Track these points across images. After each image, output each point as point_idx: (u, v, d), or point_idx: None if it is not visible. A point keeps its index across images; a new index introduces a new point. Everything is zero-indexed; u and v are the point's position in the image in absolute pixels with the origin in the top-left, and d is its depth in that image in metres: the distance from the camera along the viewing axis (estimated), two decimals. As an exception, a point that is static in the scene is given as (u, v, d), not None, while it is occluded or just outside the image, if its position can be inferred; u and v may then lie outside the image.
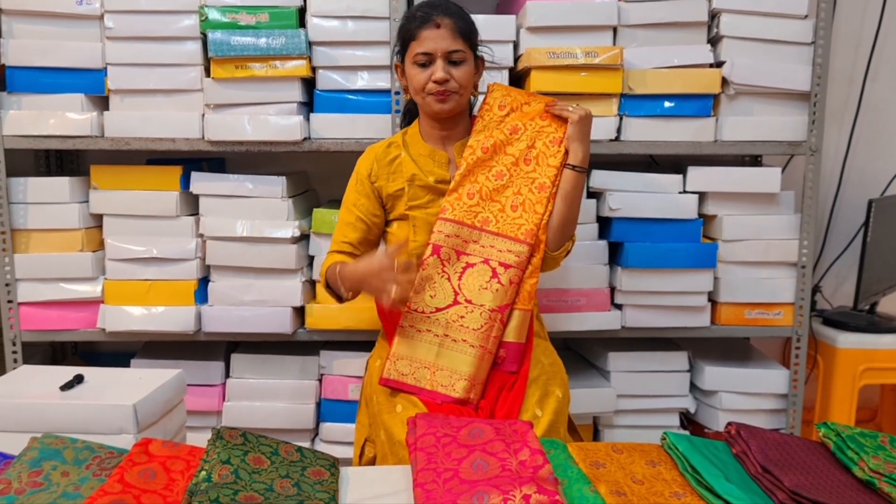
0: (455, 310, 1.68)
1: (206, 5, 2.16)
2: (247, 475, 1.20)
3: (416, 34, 1.69)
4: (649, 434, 2.39)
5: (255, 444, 1.29)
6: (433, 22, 1.68)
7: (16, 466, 1.21)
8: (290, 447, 1.33)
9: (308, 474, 1.26)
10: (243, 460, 1.23)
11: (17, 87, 2.21)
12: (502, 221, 1.71)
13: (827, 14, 2.23)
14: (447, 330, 1.68)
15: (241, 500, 1.13)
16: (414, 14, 1.73)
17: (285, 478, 1.23)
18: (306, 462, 1.29)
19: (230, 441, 1.26)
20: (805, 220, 2.32)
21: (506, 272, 1.68)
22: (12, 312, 2.29)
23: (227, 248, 2.26)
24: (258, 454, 1.26)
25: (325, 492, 1.22)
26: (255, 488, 1.17)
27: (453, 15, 1.70)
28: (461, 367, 1.66)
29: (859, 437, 1.33)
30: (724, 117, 2.26)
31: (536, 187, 1.72)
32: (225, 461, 1.20)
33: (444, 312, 1.68)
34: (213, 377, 2.36)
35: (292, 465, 1.27)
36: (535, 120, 1.77)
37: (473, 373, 1.65)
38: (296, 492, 1.20)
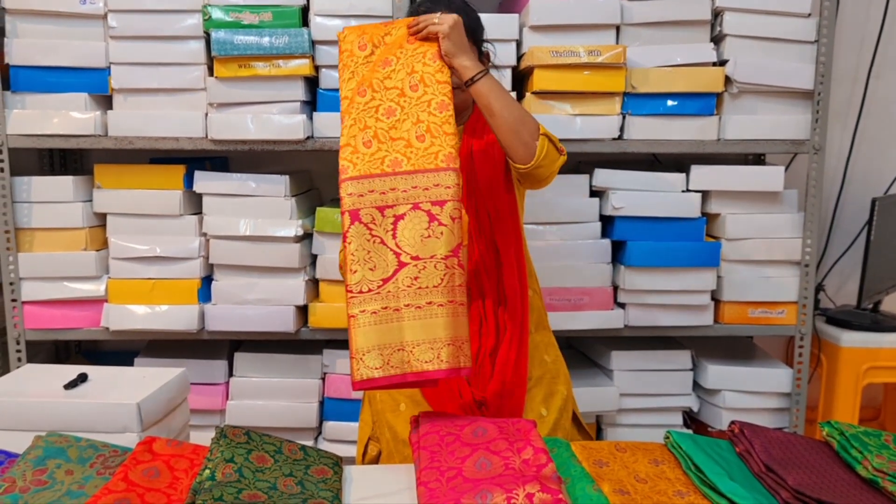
0: (404, 272, 1.45)
1: (209, 4, 2.16)
2: (250, 473, 1.20)
3: None
4: (652, 433, 2.39)
5: (259, 443, 1.29)
6: None
7: (20, 465, 1.21)
8: (294, 446, 1.33)
9: (312, 472, 1.26)
10: (247, 458, 1.23)
11: (21, 86, 2.21)
12: (414, 156, 1.49)
13: (830, 12, 2.23)
14: (404, 299, 1.44)
15: (245, 498, 1.13)
16: (417, 8, 1.70)
17: (289, 476, 1.23)
18: (310, 460, 1.30)
19: (234, 439, 1.26)
20: (808, 218, 2.32)
21: (443, 209, 1.46)
22: (16, 311, 2.30)
23: (231, 247, 2.26)
24: (262, 452, 1.26)
25: (329, 490, 1.22)
26: (258, 487, 1.17)
27: (457, 9, 1.66)
28: (437, 333, 1.43)
29: (863, 436, 1.32)
30: (728, 116, 2.26)
31: (435, 108, 1.51)
32: (228, 459, 1.21)
33: (392, 281, 1.45)
34: (216, 376, 2.37)
35: (296, 464, 1.27)
36: (404, 46, 1.58)
37: (453, 334, 1.43)
38: (299, 490, 1.20)
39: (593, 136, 2.23)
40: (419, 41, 1.56)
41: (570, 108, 2.22)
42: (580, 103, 2.22)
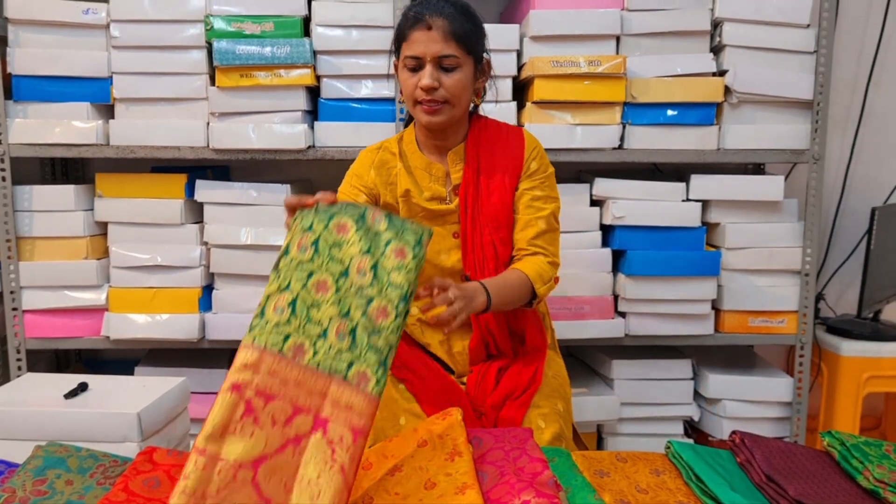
0: None
1: (211, 15, 2.17)
2: (326, 247, 1.21)
3: (407, 35, 1.57)
4: (653, 442, 2.39)
5: (341, 209, 1.25)
6: (425, 22, 1.55)
7: (20, 475, 1.21)
8: (379, 213, 1.25)
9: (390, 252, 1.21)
10: (327, 227, 1.23)
11: (23, 95, 2.22)
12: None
13: (829, 23, 2.24)
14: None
15: (312, 287, 1.17)
16: (407, 13, 1.60)
17: (366, 253, 1.20)
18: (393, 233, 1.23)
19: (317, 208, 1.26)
20: (808, 227, 2.32)
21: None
22: (17, 320, 2.30)
23: (232, 256, 2.27)
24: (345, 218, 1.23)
25: (398, 288, 1.18)
26: (330, 269, 1.18)
27: (448, 16, 1.55)
28: None
29: (864, 446, 1.32)
30: (727, 125, 2.26)
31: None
32: (307, 228, 1.23)
33: None
34: (217, 385, 2.36)
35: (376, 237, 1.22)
36: None
37: None
38: (371, 278, 1.18)
39: (593, 145, 2.23)
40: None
41: (570, 117, 2.23)
42: (580, 113, 2.23)
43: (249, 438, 1.08)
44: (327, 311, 1.18)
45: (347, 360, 1.15)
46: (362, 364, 1.14)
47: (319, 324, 1.17)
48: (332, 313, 1.18)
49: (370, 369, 1.14)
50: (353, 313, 1.18)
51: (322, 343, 1.16)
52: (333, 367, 1.14)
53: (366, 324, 1.17)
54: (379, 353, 1.16)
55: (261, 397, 1.10)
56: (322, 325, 1.17)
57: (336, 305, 1.18)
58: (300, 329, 1.16)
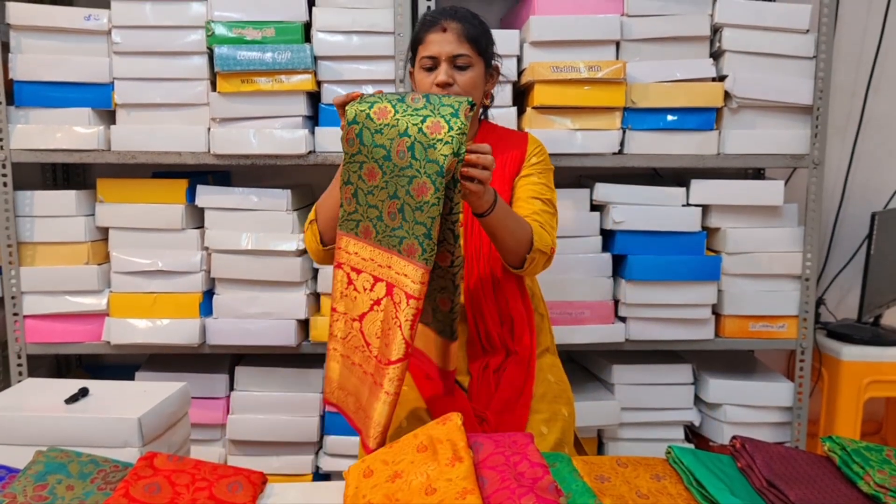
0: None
1: (212, 21, 2.18)
2: (369, 136, 1.34)
3: (423, 38, 1.67)
4: (654, 447, 2.39)
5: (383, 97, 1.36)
6: (440, 25, 1.65)
7: (21, 480, 1.21)
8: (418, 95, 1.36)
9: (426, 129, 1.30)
10: (368, 115, 1.35)
11: (24, 101, 2.22)
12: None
13: (829, 28, 2.24)
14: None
15: (365, 175, 1.35)
16: (424, 18, 1.72)
17: (404, 136, 1.31)
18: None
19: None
20: (808, 232, 2.32)
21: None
22: (18, 325, 2.30)
23: (232, 261, 2.27)
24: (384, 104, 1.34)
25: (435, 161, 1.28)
26: (374, 156, 1.33)
27: (462, 20, 1.67)
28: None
29: (865, 451, 1.32)
30: (727, 131, 2.27)
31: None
32: (352, 121, 1.35)
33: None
34: (217, 390, 2.37)
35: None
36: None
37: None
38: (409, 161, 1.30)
39: (594, 150, 2.24)
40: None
41: (570, 122, 2.23)
42: (580, 118, 2.23)
43: (353, 301, 1.42)
44: (380, 195, 1.36)
45: (399, 236, 1.34)
46: (411, 238, 1.32)
47: (376, 207, 1.37)
48: (384, 196, 1.35)
49: (417, 241, 1.31)
50: (398, 193, 1.33)
51: (380, 223, 1.37)
52: (391, 242, 1.36)
53: (410, 202, 1.32)
54: (423, 226, 1.30)
55: (354, 271, 1.42)
56: (378, 208, 1.37)
57: (385, 189, 1.35)
58: (364, 214, 1.39)
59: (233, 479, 1.24)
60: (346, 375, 1.47)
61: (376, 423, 1.37)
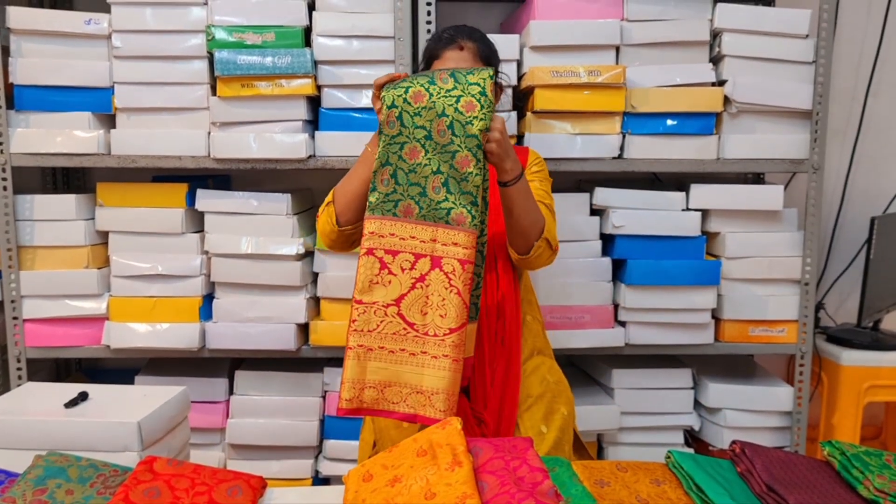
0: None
1: (212, 25, 2.18)
2: (409, 118, 1.45)
3: (440, 54, 1.73)
4: (654, 451, 2.38)
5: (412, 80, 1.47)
6: (457, 44, 1.73)
7: (20, 484, 1.21)
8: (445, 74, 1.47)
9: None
10: (406, 100, 1.46)
11: (25, 105, 2.22)
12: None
13: (828, 33, 2.25)
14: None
15: (406, 155, 1.45)
16: (441, 35, 1.78)
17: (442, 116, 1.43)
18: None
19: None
20: (808, 237, 2.33)
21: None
22: (17, 329, 2.30)
23: (232, 265, 2.27)
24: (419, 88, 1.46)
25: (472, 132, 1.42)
26: (416, 137, 1.45)
27: (477, 40, 1.75)
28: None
29: (864, 456, 1.32)
30: (727, 135, 2.27)
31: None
32: (390, 105, 1.45)
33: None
34: (217, 394, 2.37)
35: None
36: None
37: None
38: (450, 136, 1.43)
39: (593, 155, 2.24)
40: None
41: (570, 127, 2.24)
42: (580, 123, 2.24)
43: (388, 286, 1.45)
44: (423, 171, 1.46)
45: (446, 208, 1.45)
46: (458, 207, 1.45)
47: (418, 185, 1.46)
48: (427, 173, 1.45)
49: (465, 210, 1.45)
50: (442, 168, 1.45)
51: (424, 199, 1.46)
52: (437, 216, 1.45)
53: (454, 174, 1.45)
54: (469, 194, 1.45)
55: (389, 254, 1.46)
56: (420, 185, 1.46)
57: (429, 165, 1.45)
58: (405, 193, 1.46)
59: (232, 484, 1.24)
60: (373, 369, 1.48)
61: (437, 391, 1.43)
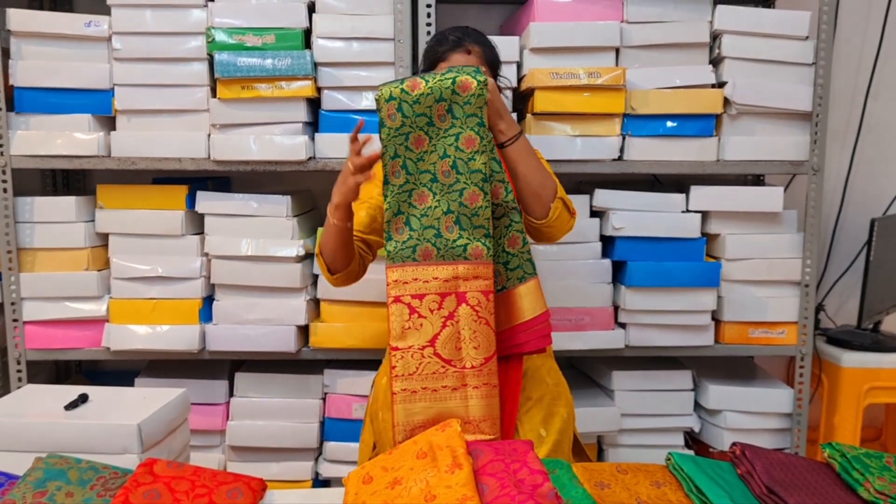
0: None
1: (212, 27, 2.19)
2: (413, 165, 1.51)
3: (447, 56, 1.72)
4: (654, 453, 2.38)
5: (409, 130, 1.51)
6: (464, 47, 1.71)
7: (20, 487, 1.21)
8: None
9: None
10: (407, 148, 1.51)
11: (25, 107, 2.23)
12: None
13: (828, 35, 2.25)
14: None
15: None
16: (446, 37, 1.75)
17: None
18: None
19: None
20: (808, 238, 2.33)
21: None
22: (17, 331, 2.30)
23: (232, 267, 2.27)
24: None
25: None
26: (422, 181, 1.51)
27: (483, 44, 1.75)
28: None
29: (864, 458, 1.32)
30: (727, 137, 2.27)
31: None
32: (393, 157, 1.50)
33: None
34: (217, 396, 2.37)
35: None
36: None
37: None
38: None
39: (593, 156, 2.24)
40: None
41: (570, 129, 2.24)
42: (580, 124, 2.24)
43: (420, 329, 1.52)
44: (430, 158, 1.51)
45: (462, 245, 1.51)
46: (473, 242, 1.51)
47: (432, 227, 1.51)
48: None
49: (480, 242, 1.51)
50: (451, 207, 1.51)
51: (440, 240, 1.52)
52: (454, 254, 1.51)
53: (464, 211, 1.50)
54: (482, 227, 1.51)
55: (416, 298, 1.52)
56: (434, 227, 1.51)
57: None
58: (420, 238, 1.52)
59: (232, 486, 1.24)
60: (420, 410, 1.53)
61: (484, 418, 1.52)
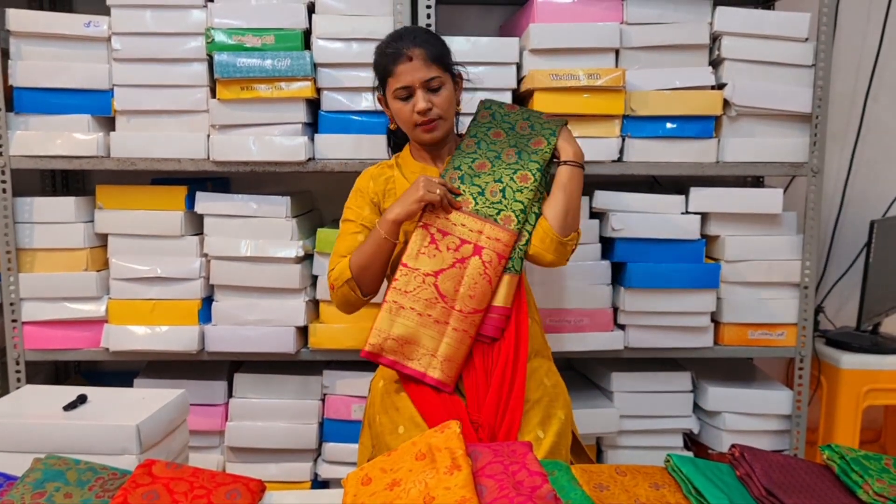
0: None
1: (212, 28, 2.19)
2: (485, 142, 1.80)
3: (392, 70, 1.72)
4: (653, 455, 2.38)
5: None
6: (405, 55, 1.70)
7: (19, 487, 1.21)
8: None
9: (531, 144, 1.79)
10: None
11: (24, 107, 2.22)
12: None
13: (827, 37, 2.25)
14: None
15: (476, 167, 1.76)
16: (384, 50, 1.76)
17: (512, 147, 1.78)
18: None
19: None
20: (807, 240, 2.33)
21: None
22: (16, 332, 2.30)
23: (231, 268, 2.27)
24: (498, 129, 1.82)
25: (537, 162, 1.75)
26: (488, 155, 1.77)
27: (422, 44, 1.72)
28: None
29: (863, 460, 1.32)
30: (726, 139, 2.27)
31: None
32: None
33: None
34: (216, 397, 2.36)
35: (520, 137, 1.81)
36: None
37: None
38: (516, 159, 1.76)
39: (593, 158, 2.23)
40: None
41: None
42: (580, 126, 2.23)
43: (432, 258, 1.69)
44: (485, 178, 1.75)
45: (497, 209, 1.72)
46: (508, 210, 1.71)
47: (479, 186, 1.74)
48: (489, 180, 1.75)
49: (513, 213, 1.71)
50: (503, 179, 1.74)
51: (481, 198, 1.73)
52: (488, 213, 1.71)
53: (512, 185, 1.73)
54: (521, 203, 1.72)
55: (440, 232, 1.71)
56: (481, 186, 1.74)
57: (491, 175, 1.75)
58: (466, 190, 1.74)
59: (231, 487, 1.24)
60: (399, 325, 1.67)
61: (448, 358, 1.67)
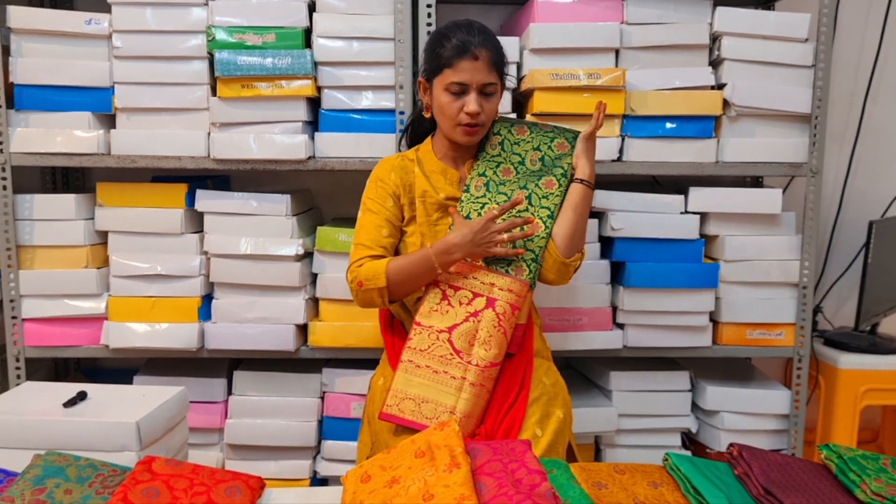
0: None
1: (213, 26, 2.19)
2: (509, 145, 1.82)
3: (453, 62, 1.68)
4: (651, 454, 2.39)
5: None
6: (472, 53, 1.67)
7: (19, 484, 1.21)
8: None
9: (554, 146, 1.81)
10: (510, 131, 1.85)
11: (25, 104, 2.23)
12: None
13: (827, 37, 2.25)
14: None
15: (501, 173, 1.78)
16: (450, 38, 1.70)
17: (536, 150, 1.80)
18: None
19: None
20: (806, 240, 2.33)
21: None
22: (16, 328, 2.30)
23: (231, 266, 2.27)
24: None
25: (561, 167, 1.79)
26: (512, 161, 1.80)
27: (491, 47, 1.71)
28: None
29: (861, 460, 1.33)
30: (726, 139, 2.27)
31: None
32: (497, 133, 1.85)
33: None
34: (215, 394, 2.37)
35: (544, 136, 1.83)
36: None
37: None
38: (539, 167, 1.78)
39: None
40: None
41: (569, 129, 2.24)
42: (580, 125, 2.22)
43: (445, 315, 1.70)
44: (510, 186, 1.76)
45: (508, 260, 1.72)
46: (519, 261, 1.72)
47: (505, 194, 1.75)
48: (514, 188, 1.76)
49: (524, 264, 1.73)
50: (528, 185, 1.78)
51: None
52: (498, 265, 1.73)
53: (537, 191, 1.76)
54: (532, 252, 1.73)
55: (451, 288, 1.72)
56: (507, 195, 1.76)
57: (516, 182, 1.79)
58: (492, 197, 1.74)
59: (231, 484, 1.24)
60: (416, 384, 1.67)
61: (467, 414, 1.64)
